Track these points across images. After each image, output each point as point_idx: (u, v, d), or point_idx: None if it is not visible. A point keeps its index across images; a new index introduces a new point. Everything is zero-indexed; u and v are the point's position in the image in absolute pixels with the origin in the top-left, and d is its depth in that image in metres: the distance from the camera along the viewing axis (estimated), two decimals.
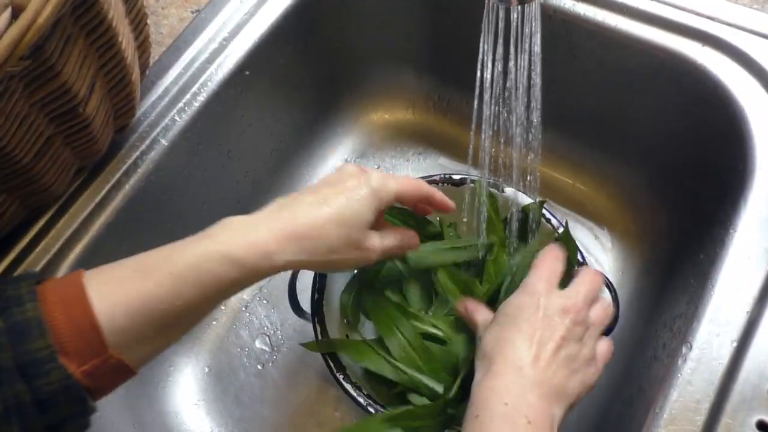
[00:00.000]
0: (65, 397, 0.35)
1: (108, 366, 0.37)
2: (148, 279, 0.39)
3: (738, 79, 0.56)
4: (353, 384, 0.52)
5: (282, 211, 0.43)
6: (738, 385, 0.44)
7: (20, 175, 0.44)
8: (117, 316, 0.37)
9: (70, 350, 0.35)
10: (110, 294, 0.37)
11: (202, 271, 0.40)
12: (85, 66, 0.42)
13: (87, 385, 0.36)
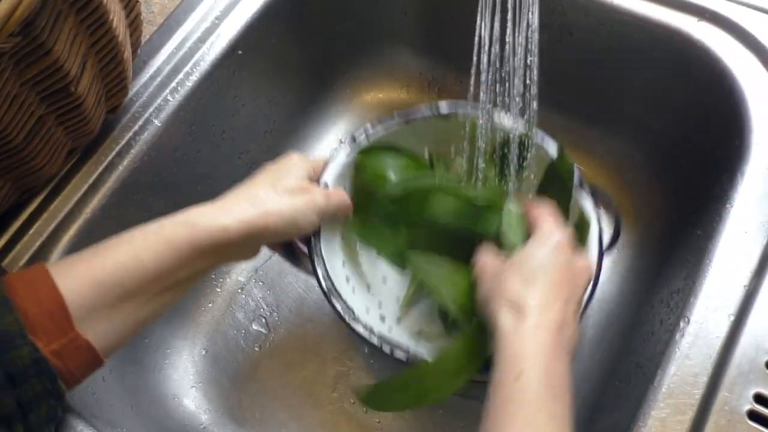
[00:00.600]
0: (35, 372, 0.36)
1: (76, 347, 0.38)
2: (108, 251, 0.41)
3: (735, 54, 0.55)
4: (364, 325, 0.51)
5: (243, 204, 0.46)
6: (735, 359, 0.45)
7: (12, 156, 0.44)
8: (80, 291, 0.39)
9: (37, 329, 0.36)
10: (73, 273, 0.39)
11: (158, 235, 0.42)
12: (76, 44, 0.42)
13: (57, 366, 0.37)
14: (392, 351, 0.50)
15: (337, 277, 0.53)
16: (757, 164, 0.51)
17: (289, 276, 0.72)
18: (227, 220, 0.44)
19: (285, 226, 0.47)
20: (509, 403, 0.39)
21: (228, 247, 0.45)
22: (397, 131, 0.56)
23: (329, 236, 0.55)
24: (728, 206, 0.50)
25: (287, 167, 0.50)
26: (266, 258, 0.73)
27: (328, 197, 0.51)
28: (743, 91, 0.54)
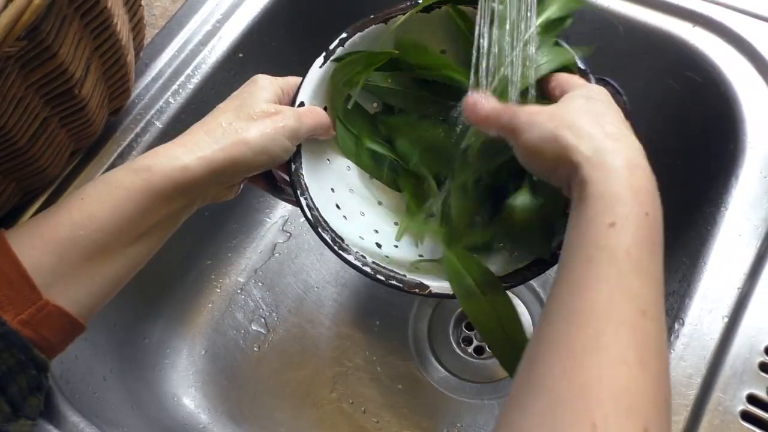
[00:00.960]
0: (4, 346, 0.35)
1: (46, 313, 0.36)
2: (61, 210, 0.39)
3: (729, 59, 0.56)
4: (355, 254, 0.46)
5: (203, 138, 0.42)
6: (729, 360, 0.45)
7: (16, 158, 0.44)
8: (40, 256, 0.37)
9: (2, 301, 0.35)
10: (29, 238, 0.37)
11: (111, 186, 0.39)
12: (81, 47, 0.42)
13: (28, 336, 0.36)
14: (387, 279, 0.45)
15: (326, 204, 0.48)
16: (751, 168, 0.52)
17: (288, 276, 0.72)
18: (186, 159, 0.40)
19: (254, 156, 0.42)
20: (598, 257, 0.32)
21: (194, 186, 0.41)
22: (376, 34, 0.50)
23: (313, 160, 0.49)
24: (723, 209, 0.51)
25: (251, 91, 0.45)
26: (266, 258, 0.73)
27: (299, 117, 0.45)
28: (737, 95, 0.55)
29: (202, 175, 0.40)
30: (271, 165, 0.45)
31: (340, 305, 0.71)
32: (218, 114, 0.44)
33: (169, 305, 0.69)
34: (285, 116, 0.44)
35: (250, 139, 0.42)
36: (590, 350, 0.30)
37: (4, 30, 0.34)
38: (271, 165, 0.45)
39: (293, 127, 0.44)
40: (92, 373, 0.56)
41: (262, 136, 0.42)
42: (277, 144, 0.43)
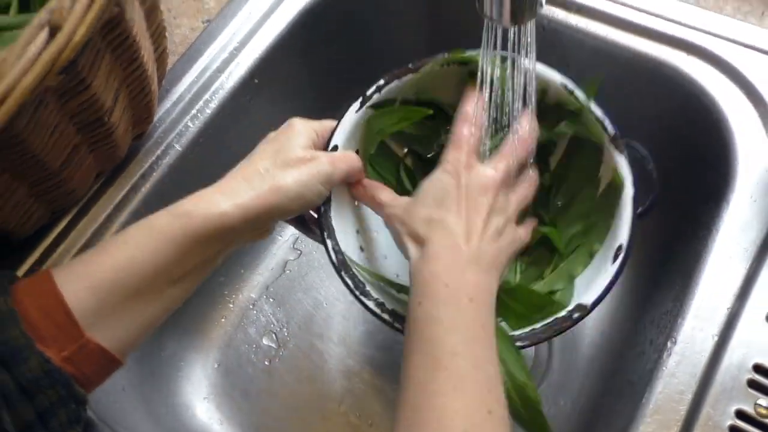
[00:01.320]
0: (48, 382, 0.36)
1: (87, 351, 0.38)
2: (104, 253, 0.40)
3: (721, 88, 0.59)
4: (375, 300, 0.47)
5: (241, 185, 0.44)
6: (719, 377, 0.48)
7: (48, 180, 0.47)
8: (84, 296, 0.38)
9: (47, 338, 0.37)
10: (74, 278, 0.39)
11: (152, 230, 0.41)
12: (111, 78, 0.46)
13: (70, 372, 0.37)
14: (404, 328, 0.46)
15: (350, 245, 0.50)
16: (741, 193, 0.54)
17: (298, 293, 0.75)
18: (225, 206, 0.42)
19: (289, 202, 0.44)
20: (415, 329, 0.41)
21: (230, 232, 0.43)
22: (412, 82, 0.53)
23: (342, 202, 0.51)
24: (714, 232, 0.54)
25: (288, 136, 0.47)
26: (277, 275, 0.76)
27: (334, 164, 0.47)
28: (729, 122, 0.57)
29: (239, 221, 0.42)
30: (305, 210, 0.48)
31: (348, 321, 0.73)
32: (256, 159, 0.46)
33: (184, 320, 0.71)
34: (320, 163, 0.46)
35: (286, 186, 0.44)
36: (417, 394, 0.39)
37: (45, 66, 0.37)
38: (305, 210, 0.48)
39: (327, 173, 0.46)
40: (113, 384, 0.58)
41: (297, 182, 0.44)
42: (312, 190, 0.45)
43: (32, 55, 0.36)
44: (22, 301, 0.37)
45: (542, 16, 0.64)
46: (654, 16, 0.62)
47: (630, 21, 0.62)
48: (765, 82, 0.57)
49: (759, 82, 0.57)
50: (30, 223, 0.51)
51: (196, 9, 0.66)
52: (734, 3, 0.61)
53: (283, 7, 0.67)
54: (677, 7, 0.62)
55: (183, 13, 0.66)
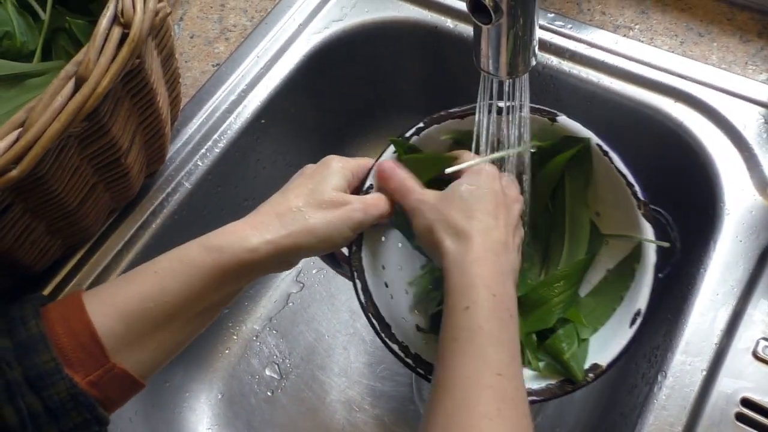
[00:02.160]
0: (74, 406, 0.37)
1: (112, 375, 0.39)
2: (135, 281, 0.41)
3: (708, 133, 0.61)
4: (399, 344, 0.48)
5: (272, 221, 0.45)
6: (708, 410, 0.50)
7: (66, 218, 0.49)
8: (112, 323, 0.39)
9: (74, 362, 0.38)
10: (104, 304, 0.40)
11: (184, 262, 0.42)
12: (129, 123, 0.48)
13: (95, 395, 0.38)
14: (426, 374, 0.47)
15: (377, 284, 0.50)
16: (727, 233, 0.57)
17: (301, 325, 0.77)
18: (255, 241, 0.43)
19: (317, 243, 0.45)
20: (460, 336, 0.40)
21: (258, 267, 0.44)
22: (449, 127, 0.54)
23: (370, 238, 0.52)
24: (702, 271, 0.56)
25: (324, 176, 0.47)
26: (280, 308, 0.78)
27: (366, 210, 0.47)
28: (715, 165, 0.60)
29: (268, 257, 0.43)
30: (331, 250, 0.49)
31: (349, 353, 0.75)
32: (290, 196, 0.46)
33: (189, 351, 0.72)
34: (353, 208, 0.46)
35: (316, 228, 0.44)
36: (459, 410, 0.38)
37: (71, 115, 0.39)
38: (331, 250, 0.49)
39: (358, 219, 0.47)
40: (120, 415, 0.60)
41: (327, 225, 0.45)
42: (341, 234, 0.46)
43: (59, 105, 0.39)
44: (52, 324, 0.38)
45: (537, 62, 0.67)
46: (643, 64, 0.65)
47: (620, 68, 0.65)
48: (749, 127, 0.60)
49: (743, 128, 0.60)
50: (46, 258, 0.53)
51: (206, 53, 0.70)
52: (719, 53, 0.65)
53: (290, 51, 0.70)
54: (665, 56, 0.65)
55: (194, 57, 0.69)
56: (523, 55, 0.42)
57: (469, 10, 0.39)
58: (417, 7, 0.72)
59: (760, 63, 0.63)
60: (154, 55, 0.48)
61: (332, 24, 0.72)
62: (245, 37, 0.71)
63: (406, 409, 0.71)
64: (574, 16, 0.69)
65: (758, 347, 0.52)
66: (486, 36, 0.40)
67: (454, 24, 0.71)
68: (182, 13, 0.73)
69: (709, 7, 0.67)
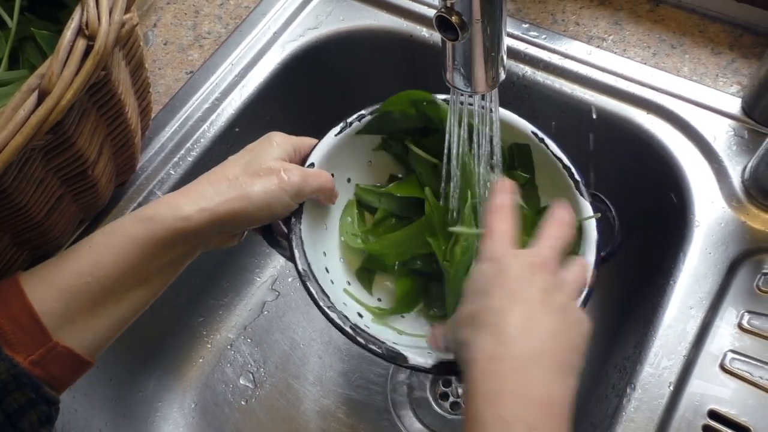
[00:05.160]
0: (16, 386, 0.37)
1: (55, 354, 0.39)
2: (70, 258, 0.41)
3: (679, 144, 0.62)
4: (339, 313, 0.47)
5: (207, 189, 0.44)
6: (675, 422, 0.50)
7: (32, 230, 0.49)
8: (50, 302, 0.39)
9: (14, 343, 0.38)
10: (41, 283, 0.40)
11: (117, 235, 0.42)
12: (96, 134, 0.48)
13: (38, 375, 0.38)
14: (366, 343, 0.46)
15: (318, 264, 0.50)
16: (696, 245, 0.57)
17: (275, 333, 0.77)
18: (188, 210, 0.42)
19: (255, 210, 0.44)
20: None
21: (194, 236, 0.43)
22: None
23: (312, 222, 0.52)
24: (672, 282, 0.56)
25: (263, 147, 0.47)
26: (255, 316, 0.78)
27: (305, 177, 0.46)
28: (686, 177, 0.60)
29: (203, 225, 0.43)
30: (272, 220, 0.48)
31: (324, 362, 0.75)
32: (227, 166, 0.46)
33: (162, 360, 0.73)
34: (291, 174, 0.45)
35: (253, 195, 0.44)
36: None
37: (34, 128, 0.39)
38: (272, 220, 0.48)
39: (297, 185, 0.46)
40: (90, 426, 0.60)
41: (265, 192, 0.44)
42: (279, 201, 0.45)
43: (21, 118, 0.38)
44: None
45: (512, 72, 0.67)
46: (616, 75, 0.65)
47: (594, 79, 0.66)
48: (719, 139, 0.61)
49: (713, 140, 0.61)
50: (12, 269, 0.52)
51: (180, 61, 0.69)
52: (691, 65, 0.65)
53: (265, 59, 0.70)
54: (638, 68, 0.65)
55: (167, 64, 0.69)
56: (491, 70, 0.42)
57: (436, 26, 0.39)
58: (392, 15, 0.72)
59: (731, 75, 0.64)
60: (121, 66, 0.48)
61: (307, 32, 0.72)
62: (219, 44, 0.70)
63: (380, 419, 0.71)
64: (548, 27, 0.69)
65: (726, 359, 0.52)
66: (453, 52, 0.40)
67: (429, 33, 0.71)
68: (156, 20, 0.72)
69: (682, 19, 0.68)
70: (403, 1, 0.72)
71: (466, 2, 0.37)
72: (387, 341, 0.46)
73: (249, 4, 0.73)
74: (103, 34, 0.41)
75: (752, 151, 0.60)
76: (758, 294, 0.55)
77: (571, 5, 0.70)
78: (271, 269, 0.81)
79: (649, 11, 0.69)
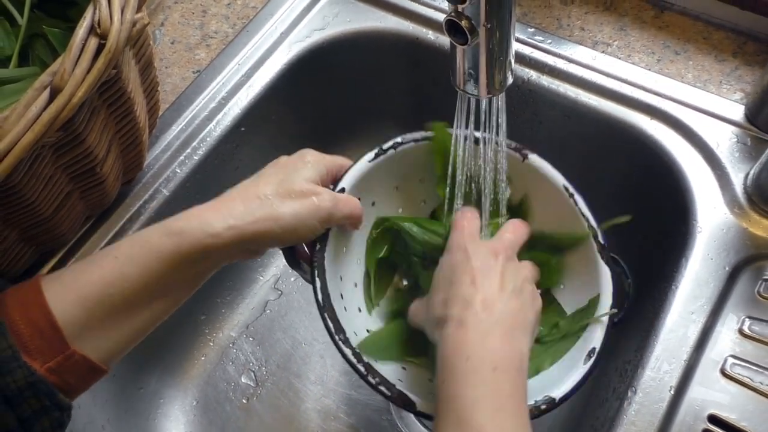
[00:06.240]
0: (32, 393, 0.36)
1: (72, 362, 0.39)
2: (94, 266, 0.41)
3: (682, 150, 0.62)
4: (353, 350, 0.47)
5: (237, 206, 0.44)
6: (675, 426, 0.50)
7: (40, 226, 0.49)
8: (71, 309, 0.39)
9: (32, 349, 0.37)
10: (63, 289, 0.39)
11: (144, 247, 0.41)
12: (105, 132, 0.48)
13: (54, 382, 0.38)
14: (377, 384, 0.46)
15: (334, 291, 0.49)
16: (699, 250, 0.57)
17: (277, 332, 0.77)
18: (218, 226, 0.42)
19: (282, 233, 0.43)
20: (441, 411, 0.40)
21: (220, 252, 0.43)
22: (425, 145, 0.55)
23: (334, 246, 0.50)
24: (674, 287, 0.57)
25: (296, 167, 0.46)
26: (257, 315, 0.78)
27: (336, 203, 0.46)
28: (689, 183, 0.61)
29: (230, 242, 0.42)
30: (298, 242, 0.48)
31: (325, 361, 0.75)
32: (259, 183, 0.45)
33: (164, 357, 0.73)
34: (322, 198, 0.45)
35: (282, 217, 0.43)
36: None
37: (45, 125, 0.39)
38: (298, 242, 0.48)
39: (328, 211, 0.45)
40: (92, 421, 0.60)
41: (294, 216, 0.43)
42: (307, 225, 0.45)
43: (33, 115, 0.39)
44: (9, 311, 0.38)
45: (516, 77, 0.68)
46: (620, 80, 0.66)
47: (598, 84, 0.66)
48: (722, 146, 0.61)
49: (716, 146, 0.61)
50: (19, 265, 0.53)
51: (187, 60, 0.69)
52: (694, 72, 0.66)
53: (271, 59, 0.70)
54: (642, 73, 0.66)
55: (174, 63, 0.69)
56: (499, 75, 0.42)
57: (445, 30, 0.39)
58: (399, 18, 0.73)
59: (734, 82, 0.65)
60: (131, 64, 0.48)
61: (314, 33, 0.72)
62: (226, 44, 0.71)
63: (380, 419, 0.71)
64: (553, 31, 0.69)
65: (726, 364, 0.53)
66: (462, 56, 0.41)
67: (435, 36, 0.72)
68: (163, 19, 0.72)
69: (687, 25, 0.68)
70: (409, 4, 0.73)
71: (476, 7, 0.37)
72: (397, 384, 0.47)
73: (256, 4, 0.73)
74: (115, 33, 0.41)
75: (755, 158, 0.60)
76: (759, 300, 0.55)
77: (576, 10, 0.71)
78: (273, 268, 0.81)
79: (654, 17, 0.69)
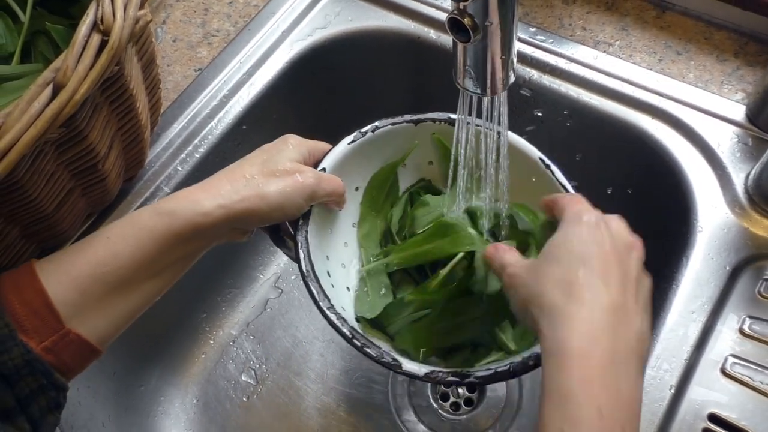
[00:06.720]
0: (29, 371, 0.37)
1: (68, 341, 0.39)
2: (87, 247, 0.42)
3: (683, 150, 0.62)
4: (338, 315, 0.47)
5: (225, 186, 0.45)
6: (676, 425, 0.50)
7: (41, 223, 0.49)
8: (66, 290, 0.40)
9: (28, 329, 0.38)
10: (57, 271, 0.40)
11: (136, 227, 0.42)
12: (107, 129, 0.48)
13: (50, 361, 0.38)
14: (363, 346, 0.46)
15: (321, 267, 0.50)
16: (699, 250, 0.57)
17: (278, 331, 0.77)
18: (207, 205, 0.43)
19: (269, 210, 0.45)
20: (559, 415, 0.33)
21: (211, 231, 0.44)
22: (404, 129, 0.56)
23: (319, 225, 0.52)
24: (674, 286, 0.57)
25: (279, 149, 0.48)
26: (258, 313, 0.78)
27: (319, 181, 0.48)
28: (690, 182, 0.61)
29: (220, 221, 0.44)
30: (283, 220, 0.49)
31: (325, 359, 0.75)
32: (244, 165, 0.47)
33: (164, 355, 0.73)
34: (306, 176, 0.47)
35: (269, 195, 0.45)
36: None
37: (48, 121, 0.39)
38: (283, 220, 0.49)
39: (312, 187, 0.47)
40: (93, 418, 0.60)
41: (280, 193, 0.45)
42: (293, 202, 0.46)
43: (35, 111, 0.39)
44: (5, 293, 0.39)
45: (518, 76, 0.68)
46: (622, 80, 0.66)
47: (599, 83, 0.66)
48: (723, 146, 0.61)
49: (717, 146, 0.61)
50: (20, 262, 0.52)
51: (189, 58, 0.69)
52: (696, 72, 0.66)
53: (273, 58, 0.70)
54: (644, 73, 0.66)
55: (176, 61, 0.69)
56: (501, 72, 0.42)
57: (448, 28, 0.39)
58: (400, 17, 0.73)
59: (736, 83, 0.65)
60: (134, 61, 0.48)
61: (316, 31, 0.72)
62: (228, 42, 0.71)
63: (381, 417, 0.71)
64: (555, 31, 0.69)
65: (727, 364, 0.53)
66: (464, 54, 0.41)
67: (436, 35, 0.72)
68: (165, 17, 0.72)
69: (688, 26, 0.69)
70: (411, 3, 0.73)
71: (479, 4, 0.37)
72: (382, 346, 0.47)
73: (258, 2, 0.74)
74: (118, 30, 0.41)
75: (756, 158, 0.60)
76: (760, 299, 0.56)
77: (578, 10, 0.71)
78: (274, 267, 0.81)
79: (655, 17, 0.70)
